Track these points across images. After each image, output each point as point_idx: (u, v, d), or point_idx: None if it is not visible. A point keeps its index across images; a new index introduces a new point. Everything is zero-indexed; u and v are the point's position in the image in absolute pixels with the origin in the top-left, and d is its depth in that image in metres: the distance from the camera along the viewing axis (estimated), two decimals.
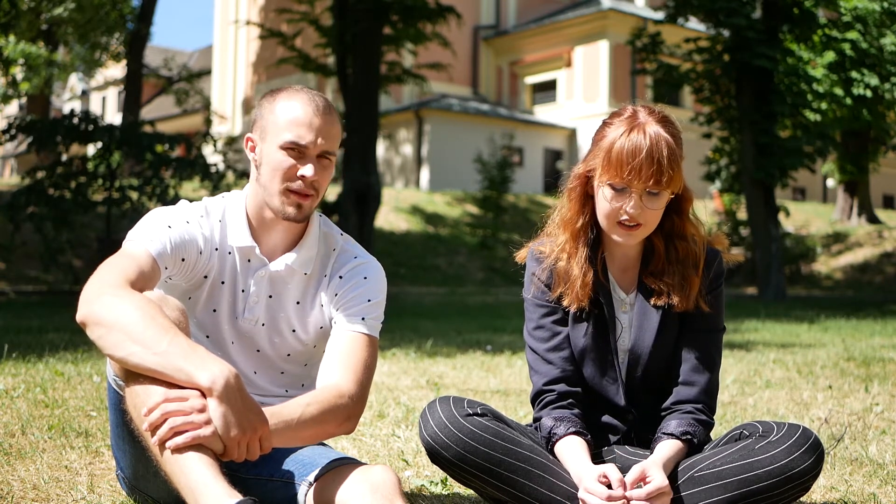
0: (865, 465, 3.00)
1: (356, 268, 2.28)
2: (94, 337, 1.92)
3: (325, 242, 2.31)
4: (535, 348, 2.34)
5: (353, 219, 15.67)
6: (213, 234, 2.23)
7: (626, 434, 2.34)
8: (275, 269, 2.24)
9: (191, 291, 2.24)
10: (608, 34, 29.55)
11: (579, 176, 2.28)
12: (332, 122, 2.19)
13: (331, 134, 2.18)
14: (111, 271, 2.01)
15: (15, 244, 14.15)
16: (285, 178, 2.15)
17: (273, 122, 2.17)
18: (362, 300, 2.25)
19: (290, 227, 2.25)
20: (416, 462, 2.99)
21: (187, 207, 2.24)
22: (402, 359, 6.00)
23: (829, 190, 33.50)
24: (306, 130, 2.14)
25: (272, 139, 2.16)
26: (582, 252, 2.30)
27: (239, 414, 1.84)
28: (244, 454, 1.86)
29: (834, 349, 7.11)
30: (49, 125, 13.52)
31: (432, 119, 28.32)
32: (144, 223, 2.15)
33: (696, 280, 2.27)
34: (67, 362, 4.98)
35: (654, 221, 2.22)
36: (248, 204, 2.26)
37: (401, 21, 16.71)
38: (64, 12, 18.61)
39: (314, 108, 2.16)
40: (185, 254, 2.16)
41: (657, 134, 2.15)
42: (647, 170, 2.13)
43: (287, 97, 2.19)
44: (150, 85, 34.19)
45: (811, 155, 16.38)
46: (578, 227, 2.30)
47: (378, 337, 2.26)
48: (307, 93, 2.20)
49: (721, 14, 15.73)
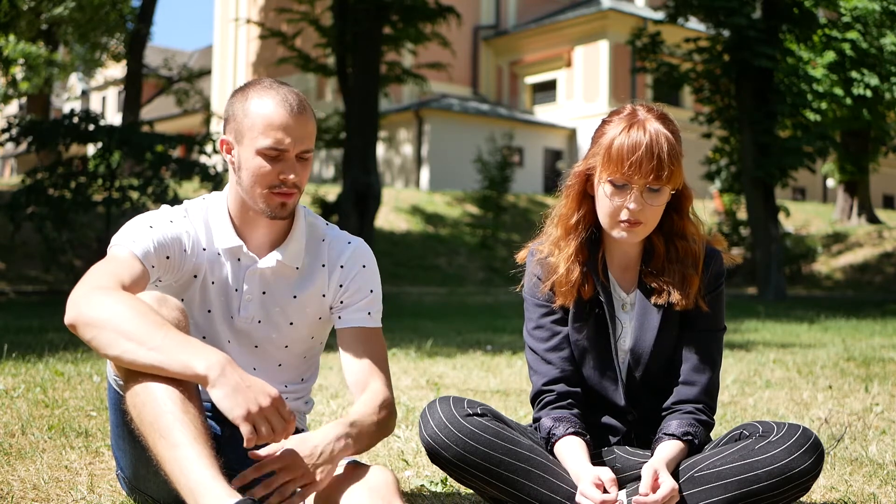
0: (865, 465, 2.99)
1: (353, 254, 2.31)
2: (86, 338, 1.92)
3: (312, 233, 2.32)
4: (535, 348, 2.34)
5: (353, 219, 15.68)
6: (199, 234, 2.23)
7: (626, 434, 2.34)
8: (264, 265, 2.25)
9: (182, 292, 2.23)
10: (608, 34, 29.55)
11: (578, 174, 2.28)
12: (306, 120, 2.15)
13: (307, 133, 2.15)
14: (99, 275, 2.01)
15: (15, 244, 14.15)
16: (266, 182, 2.14)
17: (248, 125, 2.13)
18: (365, 293, 2.29)
19: (275, 223, 2.25)
20: (416, 462, 2.99)
21: (169, 210, 2.24)
22: (402, 359, 6.00)
23: (829, 190, 33.51)
24: (283, 134, 2.11)
25: (249, 143, 2.13)
26: (570, 248, 2.30)
27: (240, 392, 1.83)
28: (268, 433, 1.83)
29: (834, 349, 7.11)
30: (50, 126, 13.52)
31: (432, 119, 28.32)
32: (127, 228, 2.15)
33: (695, 279, 2.27)
34: (67, 362, 4.98)
35: (654, 219, 2.22)
36: (229, 204, 2.25)
37: (401, 21, 16.72)
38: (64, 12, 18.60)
39: (288, 109, 2.12)
40: (170, 251, 2.15)
41: (657, 130, 2.16)
42: (648, 165, 2.13)
43: (259, 96, 2.14)
44: (150, 85, 34.19)
45: (811, 155, 16.38)
46: (572, 223, 2.30)
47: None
48: (279, 90, 2.15)
49: (721, 14, 15.74)
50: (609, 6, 29.84)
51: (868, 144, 24.62)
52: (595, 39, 29.99)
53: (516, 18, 33.13)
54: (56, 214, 13.06)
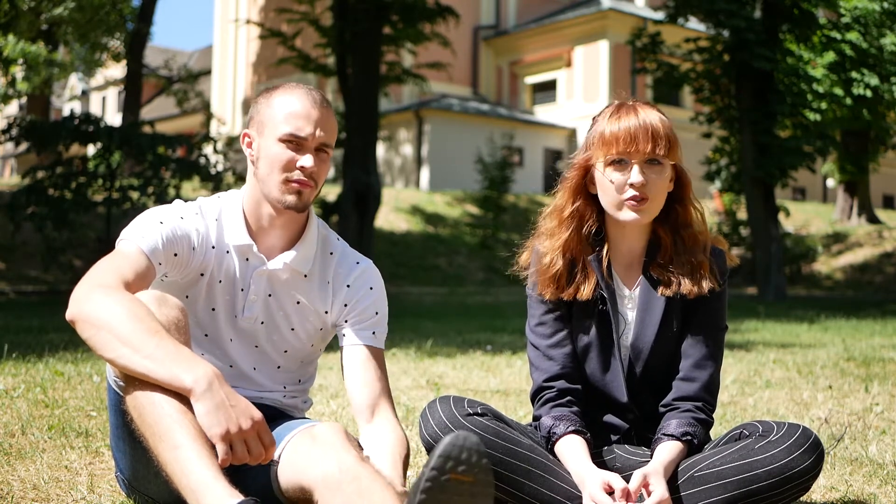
0: (865, 465, 2.99)
1: (361, 276, 2.31)
2: (84, 336, 1.94)
3: (323, 245, 2.33)
4: (537, 344, 2.35)
5: (353, 219, 15.67)
6: (209, 232, 2.23)
7: (627, 433, 2.34)
8: (273, 267, 2.25)
9: (188, 289, 2.24)
10: (608, 34, 29.54)
11: (577, 167, 2.30)
12: (329, 115, 2.21)
13: (328, 126, 2.20)
14: (104, 271, 2.02)
15: (15, 244, 14.15)
16: (284, 169, 2.17)
17: (271, 116, 2.19)
18: (371, 314, 2.29)
19: (288, 225, 2.25)
20: (417, 462, 2.98)
21: (181, 205, 2.25)
22: (402, 359, 6.00)
23: (829, 190, 33.50)
24: (304, 122, 2.16)
25: (270, 133, 2.18)
26: (558, 240, 2.31)
27: (223, 410, 1.82)
28: (245, 454, 1.83)
29: (834, 349, 7.11)
30: (50, 127, 13.52)
31: (432, 119, 28.32)
32: (137, 222, 2.16)
33: (706, 263, 2.28)
34: (67, 362, 4.98)
35: (660, 195, 2.22)
36: (245, 203, 2.27)
37: (401, 21, 16.71)
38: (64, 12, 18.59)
39: (311, 100, 2.19)
40: (178, 248, 2.16)
41: (646, 110, 2.23)
42: (643, 137, 2.18)
43: (284, 92, 2.22)
44: (150, 85, 34.17)
45: (811, 155, 16.37)
46: (566, 215, 2.31)
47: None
48: (304, 88, 2.23)
49: (721, 14, 15.73)
50: (609, 6, 29.84)
51: (868, 144, 24.61)
52: (595, 39, 29.98)
53: (516, 18, 33.12)
54: (56, 214, 13.06)
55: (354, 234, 15.34)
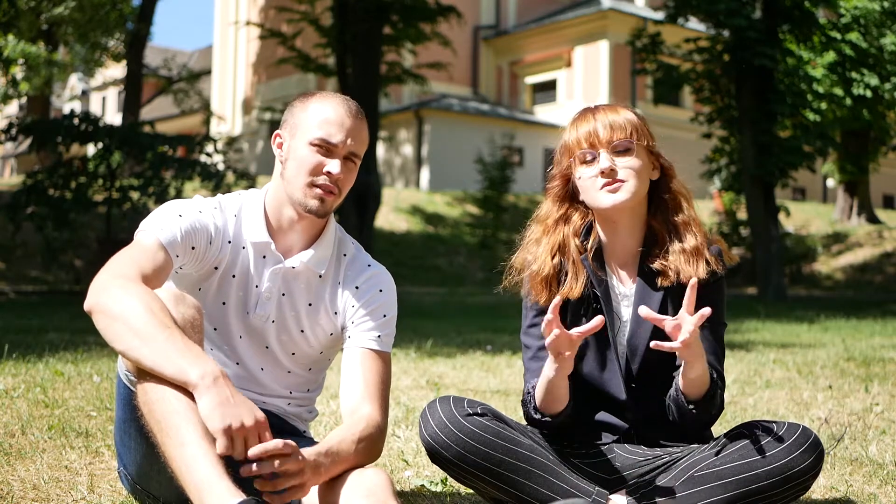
0: (865, 465, 2.99)
1: (371, 279, 2.32)
2: (99, 326, 1.96)
3: (338, 247, 2.34)
4: (530, 345, 2.36)
5: (353, 219, 15.68)
6: (227, 226, 2.25)
7: (627, 433, 2.34)
8: (290, 265, 2.27)
9: (200, 282, 2.25)
10: (608, 34, 29.54)
11: (557, 176, 2.34)
12: (361, 125, 2.25)
13: (360, 137, 2.23)
14: (123, 262, 2.04)
15: (15, 244, 14.15)
16: (311, 172, 2.19)
17: (305, 119, 2.22)
18: (378, 316, 2.30)
19: (308, 228, 2.27)
20: (416, 462, 2.99)
21: (201, 200, 2.27)
22: (402, 359, 6.00)
23: (829, 190, 33.48)
24: (337, 129, 2.20)
25: (302, 135, 2.21)
26: (545, 246, 2.33)
27: (226, 406, 1.83)
28: (242, 449, 1.83)
29: (834, 349, 7.11)
30: (49, 126, 13.52)
31: (432, 119, 28.32)
32: (156, 214, 2.18)
33: (701, 246, 2.27)
34: (67, 362, 4.98)
35: (635, 178, 2.23)
36: (267, 201, 2.29)
37: (401, 21, 16.71)
38: (64, 12, 18.60)
39: (346, 109, 2.23)
40: (196, 242, 2.18)
41: (608, 110, 2.28)
42: (603, 126, 2.23)
43: (321, 99, 2.25)
44: (150, 85, 34.20)
45: (811, 155, 16.37)
46: (550, 223, 2.35)
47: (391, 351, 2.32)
48: (341, 97, 2.27)
49: (721, 14, 15.73)
50: (609, 6, 29.83)
51: (868, 144, 24.60)
52: (595, 39, 29.98)
53: (516, 18, 33.11)
54: (56, 214, 13.06)
55: (354, 233, 15.33)
